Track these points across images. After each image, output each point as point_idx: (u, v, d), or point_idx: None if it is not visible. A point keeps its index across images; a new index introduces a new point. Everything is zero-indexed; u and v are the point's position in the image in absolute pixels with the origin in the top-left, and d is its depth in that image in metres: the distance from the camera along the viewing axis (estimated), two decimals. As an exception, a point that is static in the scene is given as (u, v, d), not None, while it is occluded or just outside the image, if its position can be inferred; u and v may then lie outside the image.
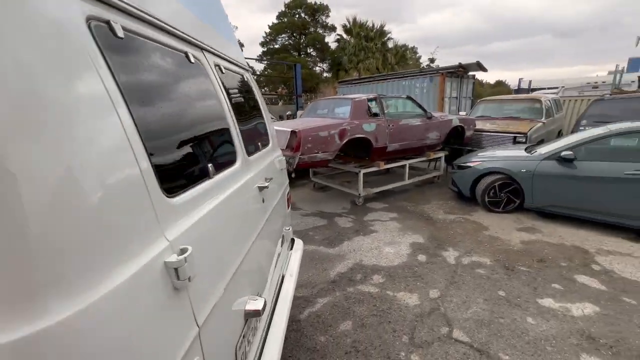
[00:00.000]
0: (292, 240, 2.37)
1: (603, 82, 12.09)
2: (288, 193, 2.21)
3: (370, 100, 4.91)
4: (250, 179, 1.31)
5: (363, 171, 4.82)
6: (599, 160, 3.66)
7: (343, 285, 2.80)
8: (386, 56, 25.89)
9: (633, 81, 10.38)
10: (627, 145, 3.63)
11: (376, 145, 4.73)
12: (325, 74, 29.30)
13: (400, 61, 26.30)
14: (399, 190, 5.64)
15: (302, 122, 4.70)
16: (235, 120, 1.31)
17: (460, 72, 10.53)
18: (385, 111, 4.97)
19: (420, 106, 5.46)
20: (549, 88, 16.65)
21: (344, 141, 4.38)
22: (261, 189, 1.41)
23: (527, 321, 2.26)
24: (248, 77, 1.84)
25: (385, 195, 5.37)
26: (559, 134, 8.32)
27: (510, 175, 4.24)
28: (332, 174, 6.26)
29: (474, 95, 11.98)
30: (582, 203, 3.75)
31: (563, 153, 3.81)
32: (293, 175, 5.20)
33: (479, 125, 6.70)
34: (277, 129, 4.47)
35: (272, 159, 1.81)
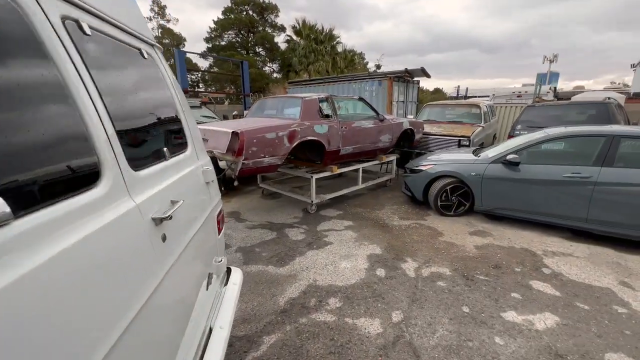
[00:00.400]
0: (228, 271, 1.87)
1: (526, 91, 13.63)
2: (219, 213, 1.71)
3: (321, 100, 4.57)
4: (133, 209, 0.81)
5: (315, 176, 4.45)
6: (540, 163, 3.79)
7: (294, 316, 2.36)
8: (336, 60, 26.19)
9: (548, 92, 11.81)
10: (564, 149, 3.83)
11: (329, 148, 4.40)
12: (275, 75, 28.62)
13: (349, 65, 26.82)
14: (352, 195, 5.39)
15: (246, 123, 4.16)
16: (107, 113, 0.80)
17: (406, 76, 10.86)
18: (338, 112, 4.68)
19: (372, 108, 5.29)
20: (479, 96, 18.36)
21: (294, 144, 3.96)
22: (161, 220, 0.91)
23: (496, 342, 2.07)
24: (154, 55, 1.31)
25: (338, 201, 5.07)
26: (494, 138, 9.00)
27: (461, 178, 4.23)
28: (283, 179, 5.80)
29: (418, 100, 12.54)
30: (527, 205, 3.85)
31: (509, 156, 3.89)
32: (236, 183, 4.63)
33: (426, 128, 6.83)
34: (216, 129, 3.87)
35: (190, 171, 1.31)
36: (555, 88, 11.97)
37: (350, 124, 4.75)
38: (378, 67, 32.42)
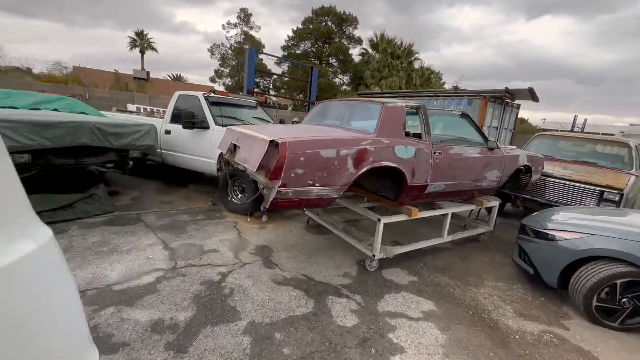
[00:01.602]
0: None
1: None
2: None
3: (410, 112, 3.12)
4: None
5: (385, 221, 2.99)
6: None
7: None
8: (411, 76, 24.39)
9: None
10: None
11: (412, 182, 2.91)
12: (345, 87, 27.91)
13: (425, 83, 24.76)
14: (430, 249, 3.77)
15: (296, 131, 2.93)
16: None
17: (506, 97, 8.76)
18: (431, 131, 3.17)
19: (480, 131, 3.65)
20: (597, 133, 14.73)
21: (363, 170, 2.58)
22: None
23: None
24: None
25: (410, 255, 3.50)
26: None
27: (651, 271, 2.36)
28: (336, 208, 4.44)
29: (514, 129, 10.18)
30: None
31: None
32: (264, 219, 3.40)
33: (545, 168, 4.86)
34: (252, 134, 2.68)
35: None
36: None
37: (448, 149, 3.21)
38: (456, 88, 29.57)
